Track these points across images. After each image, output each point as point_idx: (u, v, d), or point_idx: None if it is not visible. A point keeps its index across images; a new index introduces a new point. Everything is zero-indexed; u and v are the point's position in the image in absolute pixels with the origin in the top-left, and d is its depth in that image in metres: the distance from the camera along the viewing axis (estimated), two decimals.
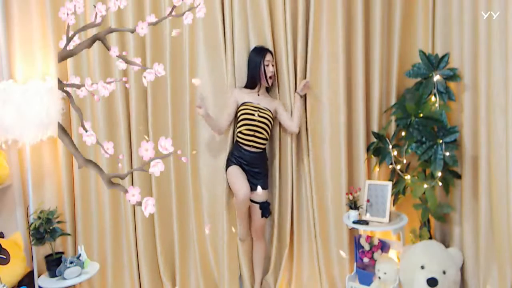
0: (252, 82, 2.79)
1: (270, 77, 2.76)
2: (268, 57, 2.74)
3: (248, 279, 2.93)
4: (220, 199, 2.88)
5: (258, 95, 2.78)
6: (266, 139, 2.78)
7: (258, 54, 2.74)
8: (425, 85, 2.66)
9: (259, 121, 2.70)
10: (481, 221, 2.43)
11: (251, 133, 2.70)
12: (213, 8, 2.76)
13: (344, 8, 2.77)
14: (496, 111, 2.27)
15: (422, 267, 2.39)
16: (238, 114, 2.76)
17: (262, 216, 2.77)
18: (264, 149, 2.81)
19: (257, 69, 2.73)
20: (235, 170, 2.74)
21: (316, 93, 2.84)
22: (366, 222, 2.61)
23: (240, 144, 2.76)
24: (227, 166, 2.80)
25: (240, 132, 2.74)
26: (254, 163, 2.75)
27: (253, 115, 2.69)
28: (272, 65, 2.76)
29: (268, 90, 2.89)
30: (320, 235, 2.87)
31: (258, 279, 2.92)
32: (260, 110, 2.71)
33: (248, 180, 2.71)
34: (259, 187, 2.67)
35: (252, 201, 2.75)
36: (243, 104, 2.75)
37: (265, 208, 2.76)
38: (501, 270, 2.32)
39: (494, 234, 2.36)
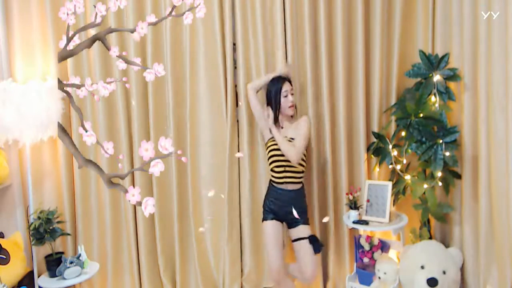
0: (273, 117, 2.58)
1: (290, 107, 2.57)
2: (286, 87, 2.55)
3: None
4: (221, 199, 2.88)
5: (282, 127, 2.61)
6: (300, 172, 2.57)
7: (274, 85, 2.56)
8: (425, 85, 2.66)
9: None
10: (481, 221, 2.43)
11: (282, 169, 2.52)
12: (212, 7, 2.76)
13: (344, 8, 2.77)
14: (496, 111, 2.27)
15: (422, 267, 2.39)
16: (267, 153, 2.59)
17: (315, 252, 2.48)
18: (302, 185, 2.61)
19: (277, 103, 2.54)
20: (270, 229, 2.54)
21: (316, 93, 2.84)
22: (366, 222, 2.60)
23: (274, 184, 2.58)
24: (263, 215, 2.61)
25: (271, 170, 2.57)
26: (291, 203, 2.50)
27: (279, 149, 2.49)
28: (292, 94, 2.58)
29: (292, 116, 2.69)
30: (320, 235, 2.87)
31: None
32: None
33: (287, 221, 2.56)
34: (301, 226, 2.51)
35: (297, 239, 2.53)
36: (268, 140, 2.60)
37: (315, 241, 2.49)
38: (501, 270, 2.32)
39: (494, 234, 2.36)
